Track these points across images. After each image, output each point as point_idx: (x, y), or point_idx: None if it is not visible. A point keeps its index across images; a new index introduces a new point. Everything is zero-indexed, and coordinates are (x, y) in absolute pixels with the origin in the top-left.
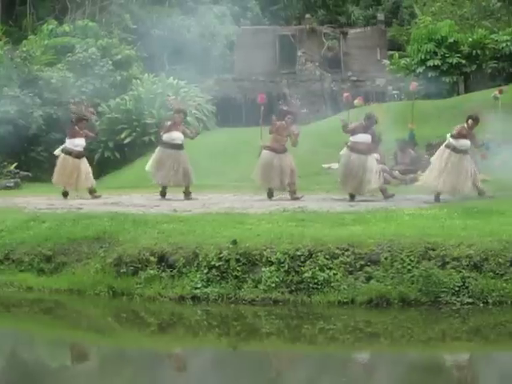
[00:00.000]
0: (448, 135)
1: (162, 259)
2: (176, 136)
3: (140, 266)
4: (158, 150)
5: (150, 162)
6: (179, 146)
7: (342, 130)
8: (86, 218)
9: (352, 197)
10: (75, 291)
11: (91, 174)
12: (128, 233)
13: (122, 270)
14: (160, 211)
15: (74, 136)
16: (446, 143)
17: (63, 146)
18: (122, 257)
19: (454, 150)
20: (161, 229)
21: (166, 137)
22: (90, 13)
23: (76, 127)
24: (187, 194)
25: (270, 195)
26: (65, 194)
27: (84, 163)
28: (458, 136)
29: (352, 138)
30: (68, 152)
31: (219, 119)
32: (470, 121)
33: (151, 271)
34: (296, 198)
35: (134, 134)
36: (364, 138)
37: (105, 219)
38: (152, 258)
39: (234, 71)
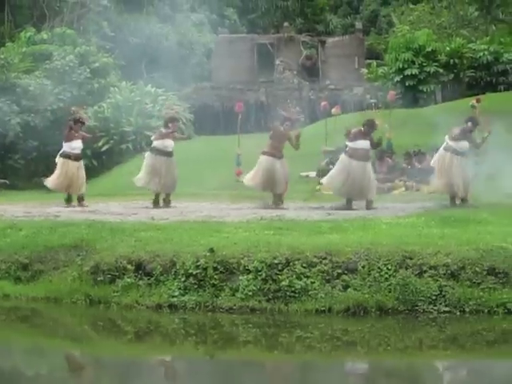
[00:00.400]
0: (446, 137)
1: (139, 267)
2: (168, 143)
3: (117, 274)
4: (148, 156)
5: (142, 170)
6: (171, 154)
7: (345, 137)
8: (63, 226)
9: (350, 202)
10: (52, 299)
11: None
12: (105, 241)
13: (99, 278)
14: (137, 219)
15: (70, 139)
16: (444, 146)
17: (61, 151)
18: (99, 265)
19: (455, 152)
20: (138, 237)
21: (158, 144)
22: (68, 20)
23: (72, 130)
24: (167, 202)
25: (279, 200)
26: (68, 200)
27: (81, 167)
28: (459, 137)
29: (352, 145)
30: (67, 156)
31: (197, 127)
32: (469, 123)
33: (128, 279)
34: (281, 208)
35: (112, 141)
36: (364, 144)
37: (82, 227)
38: (129, 266)
39: (212, 79)
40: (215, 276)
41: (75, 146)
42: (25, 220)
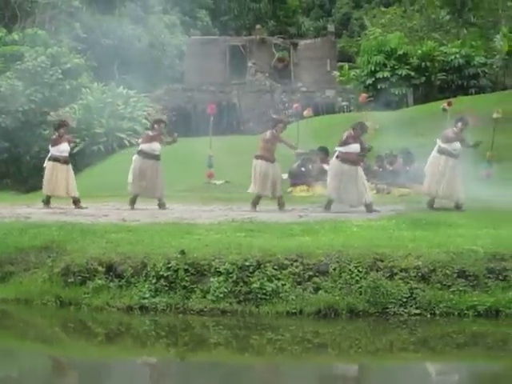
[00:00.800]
0: (438, 140)
1: (110, 269)
2: (156, 147)
3: (88, 275)
4: (136, 159)
5: (130, 175)
6: (158, 157)
7: (339, 145)
8: (33, 228)
9: (330, 204)
10: (22, 300)
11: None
12: (76, 242)
13: (69, 280)
14: (109, 221)
15: (57, 143)
16: (437, 149)
17: (49, 155)
18: (69, 266)
19: (450, 155)
20: (109, 238)
21: (146, 147)
22: (40, 21)
23: (58, 134)
24: (162, 205)
25: (256, 204)
26: (47, 202)
27: (70, 170)
28: (451, 140)
29: (343, 149)
30: (56, 159)
31: (169, 129)
32: (459, 123)
33: (99, 281)
34: (284, 210)
35: (83, 143)
36: (355, 147)
37: (53, 228)
38: (100, 268)
39: (184, 81)
40: (186, 278)
41: (63, 149)
42: None
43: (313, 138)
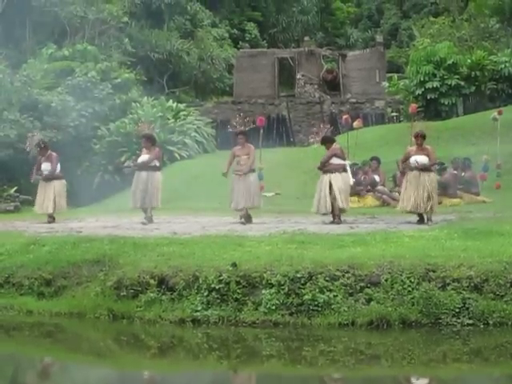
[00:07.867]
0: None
1: (162, 282)
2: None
3: (140, 289)
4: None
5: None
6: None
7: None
8: (85, 242)
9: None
10: (75, 314)
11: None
12: (128, 256)
13: (122, 293)
14: (160, 234)
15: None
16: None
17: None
18: (122, 280)
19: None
20: (161, 252)
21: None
22: (89, 37)
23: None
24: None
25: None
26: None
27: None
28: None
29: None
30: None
31: (219, 142)
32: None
33: (151, 294)
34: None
35: (134, 156)
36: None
37: (105, 242)
38: (152, 281)
39: (233, 94)
40: (238, 290)
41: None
42: (48, 236)
43: (363, 149)
